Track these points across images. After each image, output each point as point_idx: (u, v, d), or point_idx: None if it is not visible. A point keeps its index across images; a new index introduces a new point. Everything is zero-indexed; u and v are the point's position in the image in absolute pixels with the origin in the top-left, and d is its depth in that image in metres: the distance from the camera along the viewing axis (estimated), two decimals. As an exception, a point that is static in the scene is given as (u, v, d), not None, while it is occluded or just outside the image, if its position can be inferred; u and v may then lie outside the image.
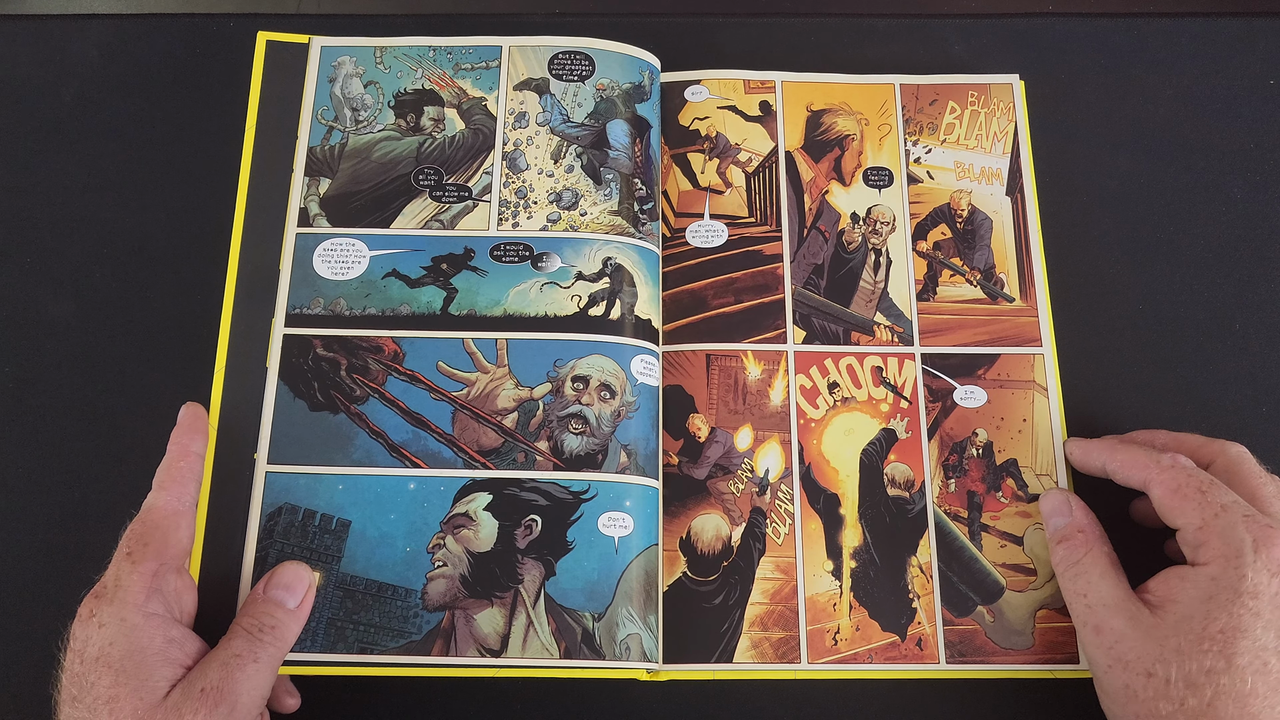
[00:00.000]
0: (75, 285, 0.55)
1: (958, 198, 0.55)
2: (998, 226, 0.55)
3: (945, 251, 0.54)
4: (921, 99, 0.57)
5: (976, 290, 0.54)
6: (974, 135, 0.55)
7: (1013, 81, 0.56)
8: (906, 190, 0.55)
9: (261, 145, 0.53)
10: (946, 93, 0.57)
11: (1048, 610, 0.48)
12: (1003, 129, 0.55)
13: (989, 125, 0.55)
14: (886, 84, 0.57)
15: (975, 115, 0.55)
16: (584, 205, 0.52)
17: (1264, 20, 0.61)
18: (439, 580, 0.47)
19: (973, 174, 0.55)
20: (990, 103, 0.56)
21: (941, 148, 0.56)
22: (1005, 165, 0.55)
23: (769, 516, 0.50)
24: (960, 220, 0.54)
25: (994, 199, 0.55)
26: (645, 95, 0.55)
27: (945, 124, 0.56)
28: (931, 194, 0.55)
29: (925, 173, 0.55)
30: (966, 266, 0.54)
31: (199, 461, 0.47)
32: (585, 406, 0.49)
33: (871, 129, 0.56)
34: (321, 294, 0.51)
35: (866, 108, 0.57)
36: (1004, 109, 0.56)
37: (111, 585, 0.41)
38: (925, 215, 0.55)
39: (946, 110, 0.56)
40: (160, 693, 0.39)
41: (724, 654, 0.48)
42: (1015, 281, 0.54)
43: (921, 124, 0.56)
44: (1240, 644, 0.40)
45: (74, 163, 0.57)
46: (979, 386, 0.52)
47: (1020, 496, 0.50)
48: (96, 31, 0.60)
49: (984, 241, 0.54)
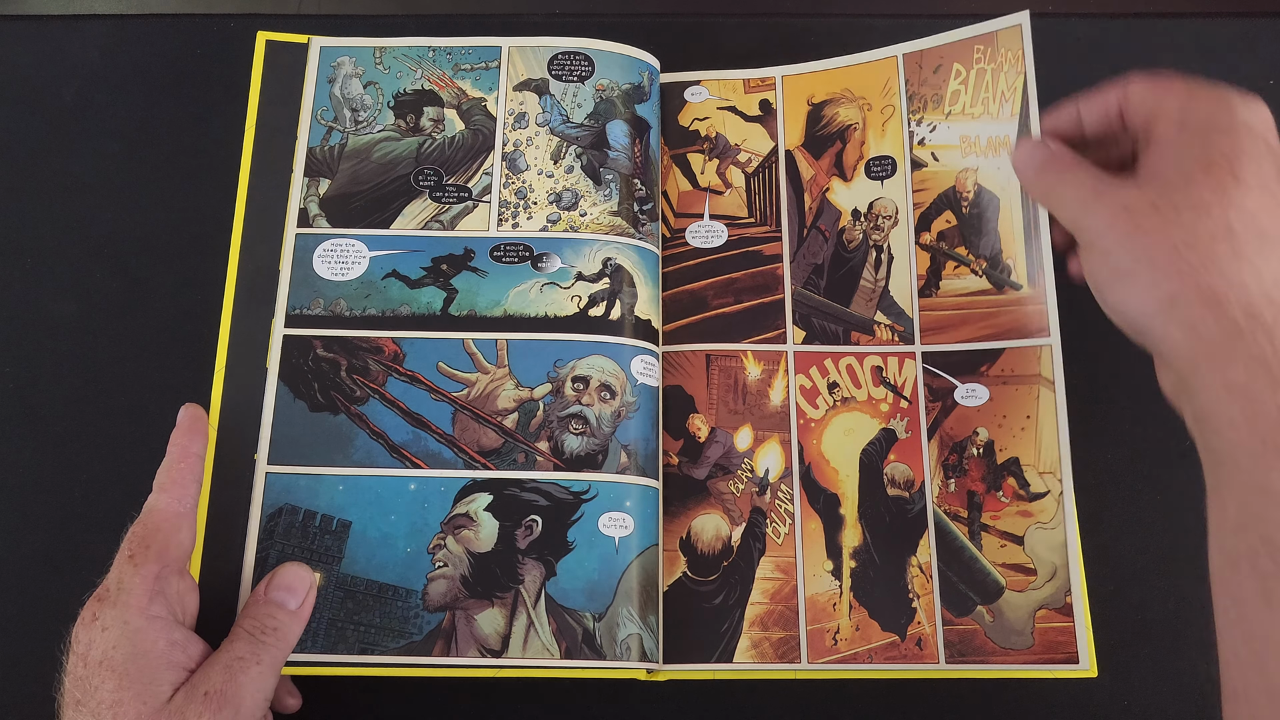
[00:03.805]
0: (75, 285, 0.55)
1: (963, 178, 0.53)
2: (1005, 205, 0.52)
3: (950, 242, 0.53)
4: (925, 67, 0.55)
5: (982, 281, 0.52)
6: (980, 100, 0.53)
7: (1022, 21, 0.53)
8: (910, 178, 0.54)
9: (261, 145, 0.53)
10: (951, 54, 0.54)
11: (1048, 610, 0.48)
12: (1011, 85, 0.53)
13: (996, 84, 0.53)
14: (889, 58, 0.56)
15: (982, 75, 0.54)
16: (584, 206, 0.52)
17: (1264, 20, 0.61)
18: (439, 581, 0.47)
19: (979, 147, 0.53)
20: (997, 56, 0.53)
21: (946, 122, 0.54)
22: (1013, 130, 0.52)
23: (769, 516, 0.50)
24: (966, 203, 0.53)
25: (1001, 173, 0.52)
26: (645, 96, 0.55)
27: (950, 92, 0.54)
28: (936, 178, 0.54)
29: (930, 155, 0.54)
30: (972, 256, 0.53)
31: (199, 463, 0.47)
32: (585, 407, 0.49)
33: (874, 114, 0.56)
34: (321, 294, 0.51)
35: (869, 90, 0.56)
36: (1012, 60, 0.53)
37: (114, 588, 0.41)
38: (929, 204, 0.54)
39: (952, 76, 0.54)
40: (164, 696, 0.39)
41: (724, 654, 0.48)
42: (1023, 267, 0.51)
43: (925, 98, 0.55)
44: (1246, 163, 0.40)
45: (74, 163, 0.57)
46: (981, 384, 0.51)
47: (1021, 495, 0.49)
48: (96, 31, 0.60)
49: (990, 225, 0.52)
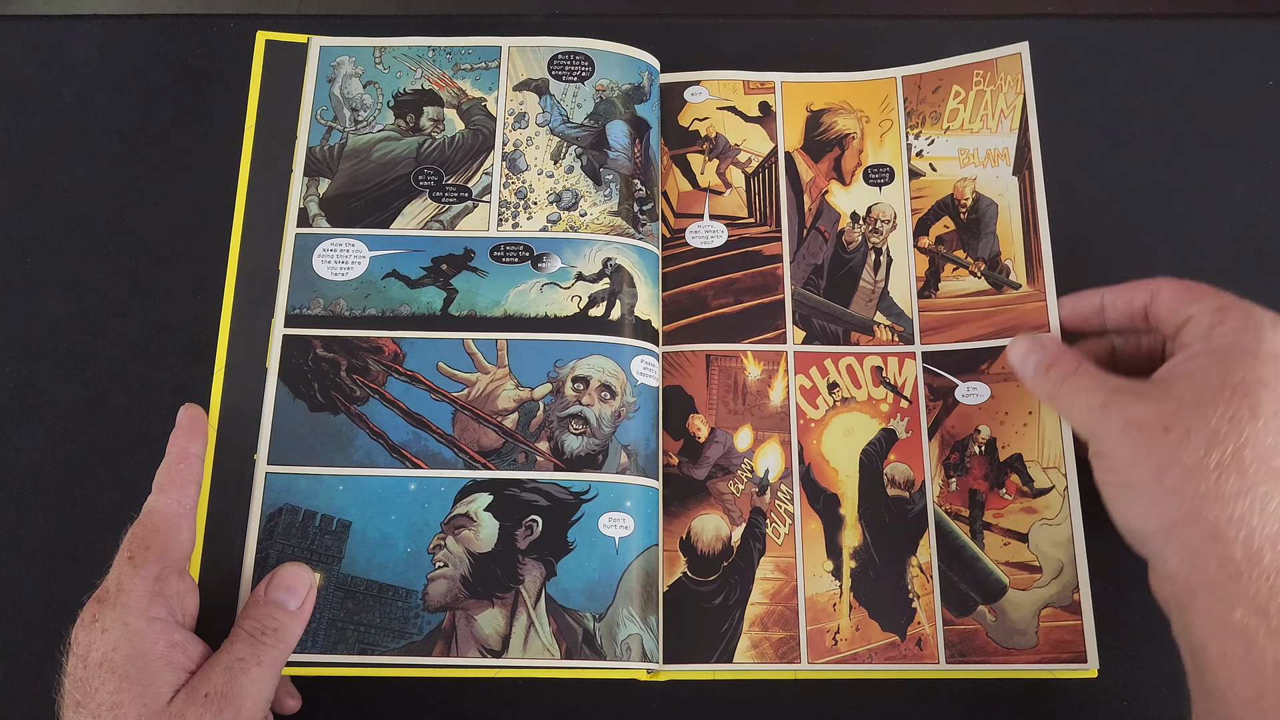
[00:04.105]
0: (75, 285, 0.55)
1: (961, 186, 0.54)
2: (1003, 210, 0.53)
3: (948, 245, 0.53)
4: (924, 88, 0.55)
5: (980, 282, 0.52)
6: (979, 117, 0.54)
7: (1021, 50, 0.54)
8: (908, 186, 0.55)
9: (261, 145, 0.53)
10: (950, 77, 0.55)
11: (1053, 609, 0.47)
12: (1010, 103, 0.54)
13: (995, 103, 0.54)
14: (888, 78, 0.56)
15: (981, 95, 0.54)
16: (584, 206, 0.52)
17: (1264, 20, 0.61)
18: (440, 581, 0.47)
19: (977, 159, 0.54)
20: (997, 79, 0.54)
21: (945, 136, 0.55)
22: (1012, 143, 0.53)
23: (769, 516, 0.50)
24: (964, 209, 0.53)
25: (1000, 181, 0.53)
26: (645, 96, 0.55)
27: (949, 110, 0.55)
28: (933, 187, 0.54)
29: (928, 165, 0.55)
30: (970, 258, 0.53)
31: (199, 463, 0.47)
32: (585, 407, 0.49)
33: (872, 126, 0.56)
34: (321, 294, 0.51)
35: (867, 105, 0.56)
36: (1011, 82, 0.54)
37: (113, 589, 0.41)
38: (927, 210, 0.54)
39: (950, 95, 0.55)
40: (164, 698, 0.39)
41: (724, 654, 0.48)
42: (1022, 266, 0.52)
43: (924, 115, 0.55)
44: (1265, 395, 0.38)
45: (74, 163, 0.57)
46: (982, 382, 0.51)
47: (1025, 492, 0.49)
48: (96, 31, 0.60)
49: (989, 229, 0.53)
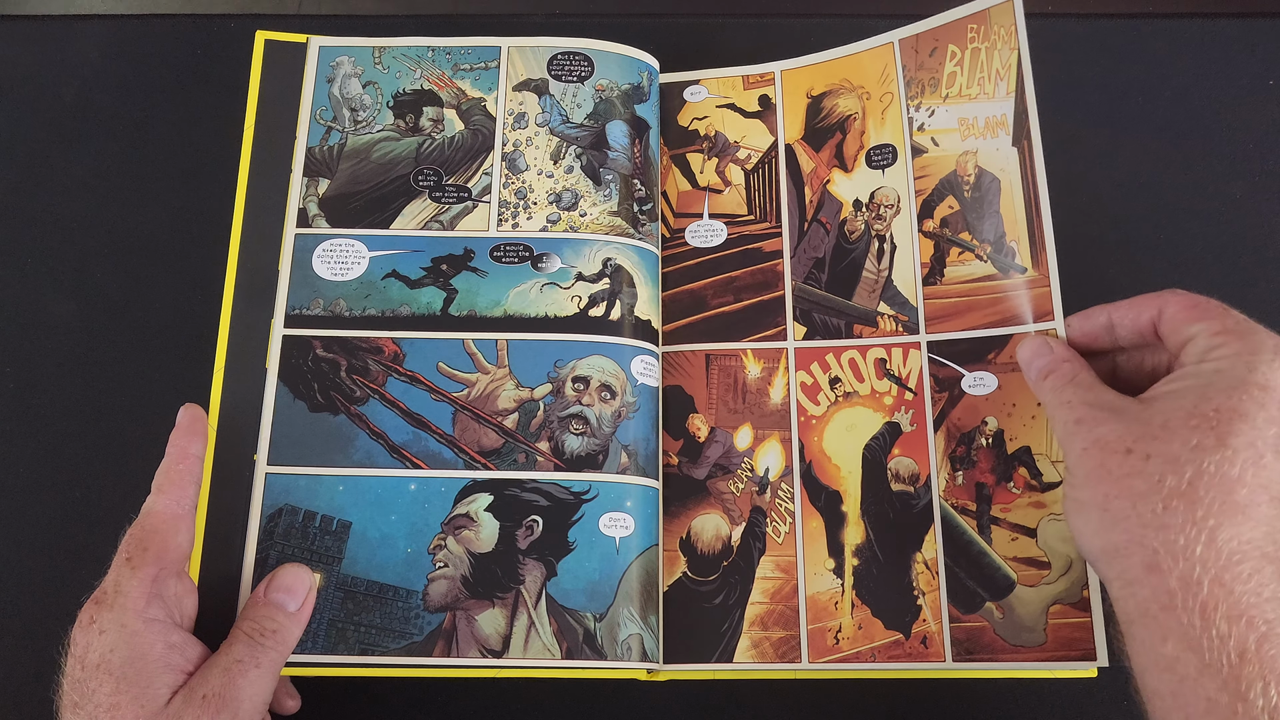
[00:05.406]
0: (75, 285, 0.55)
1: (963, 161, 0.53)
2: (1006, 187, 0.52)
3: (953, 227, 0.52)
4: (921, 51, 0.54)
5: (987, 266, 0.51)
6: (976, 80, 0.53)
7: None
8: (911, 165, 0.54)
9: (260, 145, 0.53)
10: (946, 36, 0.54)
11: (1062, 605, 0.46)
12: (1005, 61, 0.52)
13: (991, 62, 0.53)
14: (885, 44, 0.55)
15: (976, 54, 0.53)
16: (584, 206, 0.52)
17: (1264, 20, 0.61)
18: (440, 581, 0.47)
19: (977, 129, 0.53)
20: (991, 34, 0.53)
21: (944, 105, 0.54)
22: (1010, 108, 0.52)
23: (769, 515, 0.50)
24: (967, 187, 0.52)
25: (1000, 154, 0.52)
26: (644, 96, 0.55)
27: (947, 74, 0.54)
28: (937, 164, 0.53)
29: (930, 140, 0.54)
30: (976, 240, 0.52)
31: (198, 464, 0.47)
32: (586, 407, 0.49)
33: (873, 101, 0.55)
34: (321, 295, 0.50)
35: (867, 78, 0.56)
36: (1004, 35, 0.52)
37: (111, 591, 0.41)
38: (931, 190, 0.53)
39: (947, 57, 0.54)
40: (162, 700, 0.39)
41: (724, 654, 0.48)
42: (1026, 249, 0.50)
43: (923, 83, 0.54)
44: (1238, 426, 0.36)
45: (74, 163, 0.57)
46: (989, 372, 0.50)
47: (1034, 486, 0.48)
48: (96, 31, 0.60)
49: (993, 207, 0.52)
